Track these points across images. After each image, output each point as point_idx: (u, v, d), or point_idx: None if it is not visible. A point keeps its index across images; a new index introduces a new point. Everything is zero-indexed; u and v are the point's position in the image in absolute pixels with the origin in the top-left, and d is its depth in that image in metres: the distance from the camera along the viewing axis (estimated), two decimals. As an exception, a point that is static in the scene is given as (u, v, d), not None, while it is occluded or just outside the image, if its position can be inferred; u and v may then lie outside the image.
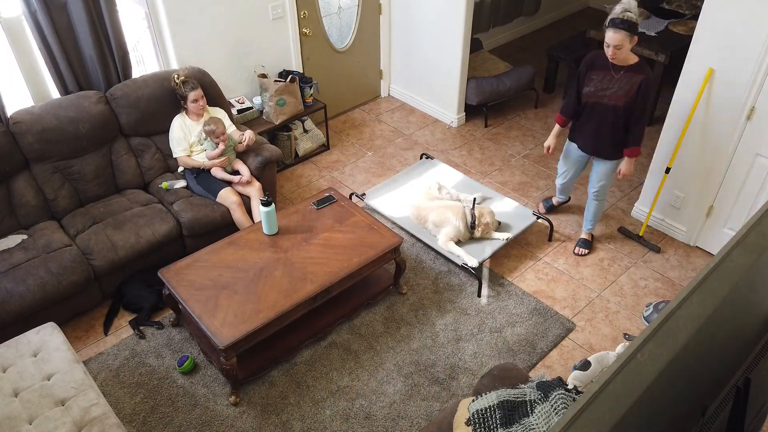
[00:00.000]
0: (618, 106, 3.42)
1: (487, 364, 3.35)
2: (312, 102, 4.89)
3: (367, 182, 4.78)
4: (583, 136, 3.71)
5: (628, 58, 3.36)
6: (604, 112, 3.48)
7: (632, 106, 3.40)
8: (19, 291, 3.26)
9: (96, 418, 2.62)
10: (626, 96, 3.38)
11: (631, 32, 3.19)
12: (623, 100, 3.39)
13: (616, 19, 3.19)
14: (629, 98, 3.38)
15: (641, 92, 3.35)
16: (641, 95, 3.36)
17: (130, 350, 3.46)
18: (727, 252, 1.18)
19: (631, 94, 3.36)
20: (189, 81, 3.87)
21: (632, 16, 3.18)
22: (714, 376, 1.33)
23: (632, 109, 3.41)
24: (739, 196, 3.74)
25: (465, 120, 5.47)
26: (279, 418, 3.12)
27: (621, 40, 3.20)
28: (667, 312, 1.06)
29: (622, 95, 3.38)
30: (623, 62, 3.36)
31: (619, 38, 3.20)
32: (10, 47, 3.65)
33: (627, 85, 3.37)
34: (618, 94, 3.40)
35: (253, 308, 3.08)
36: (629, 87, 3.36)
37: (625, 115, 3.45)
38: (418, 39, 5.28)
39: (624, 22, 3.17)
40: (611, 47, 3.25)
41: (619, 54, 3.27)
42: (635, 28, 3.20)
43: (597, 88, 3.46)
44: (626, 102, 3.39)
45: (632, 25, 3.19)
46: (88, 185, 3.86)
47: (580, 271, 3.95)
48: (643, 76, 3.33)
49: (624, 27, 3.17)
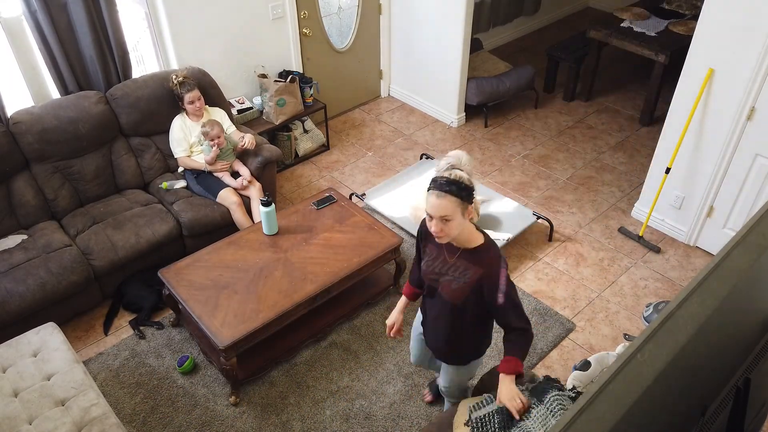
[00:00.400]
0: (455, 304, 2.27)
1: (487, 364, 3.35)
2: (312, 102, 4.89)
3: (367, 182, 4.78)
4: (425, 320, 2.56)
5: (470, 238, 2.21)
6: (441, 302, 2.34)
7: (482, 309, 2.26)
8: (19, 291, 3.26)
9: (96, 418, 2.61)
10: (462, 293, 2.23)
11: (462, 198, 2.05)
12: (460, 298, 2.24)
13: (439, 179, 2.06)
14: (465, 297, 2.23)
15: (487, 293, 2.19)
16: (489, 296, 2.19)
17: (130, 350, 3.46)
18: (727, 252, 1.18)
19: (466, 293, 2.22)
20: (186, 82, 3.87)
21: (463, 175, 2.08)
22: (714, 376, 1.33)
23: (484, 312, 2.28)
24: (739, 196, 3.74)
25: (465, 120, 5.48)
26: (279, 418, 3.12)
27: (448, 209, 2.05)
28: (667, 312, 1.06)
29: (458, 290, 2.23)
30: (461, 243, 2.21)
31: (444, 206, 2.04)
32: (10, 47, 3.65)
33: (462, 278, 2.22)
34: (453, 288, 2.24)
35: (253, 308, 3.08)
36: (464, 283, 2.21)
37: (472, 317, 2.31)
38: (418, 39, 5.28)
39: (451, 184, 2.04)
40: (434, 219, 2.08)
41: (447, 230, 2.09)
42: (469, 192, 2.07)
43: (429, 269, 2.32)
44: (465, 301, 2.24)
45: (464, 188, 2.05)
46: (88, 185, 3.86)
47: (580, 272, 3.95)
48: (482, 271, 2.17)
49: (451, 190, 2.04)
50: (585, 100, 5.73)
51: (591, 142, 5.18)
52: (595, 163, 4.94)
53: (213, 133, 3.83)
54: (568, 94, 5.74)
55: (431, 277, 2.32)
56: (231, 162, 4.00)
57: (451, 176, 2.07)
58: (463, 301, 2.24)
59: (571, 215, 4.42)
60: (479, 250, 2.21)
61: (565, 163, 4.95)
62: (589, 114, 5.57)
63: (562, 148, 5.12)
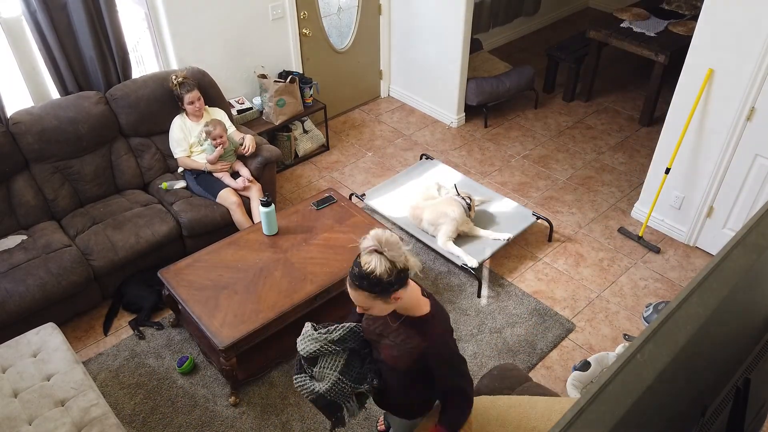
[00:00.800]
0: (397, 368, 2.08)
1: (487, 365, 3.35)
2: (312, 102, 4.90)
3: (367, 182, 4.78)
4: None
5: (414, 306, 2.01)
6: (382, 361, 2.15)
7: (426, 374, 2.07)
8: (19, 291, 3.26)
9: (96, 419, 2.61)
10: (404, 362, 2.04)
11: (377, 293, 1.86)
12: (402, 366, 2.05)
13: (354, 269, 1.88)
14: (407, 367, 2.05)
15: (433, 365, 2.03)
16: (435, 368, 2.03)
17: (129, 351, 3.46)
18: (727, 252, 1.18)
19: (408, 364, 2.04)
20: (186, 82, 3.86)
21: (381, 266, 1.82)
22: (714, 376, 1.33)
23: (429, 380, 2.10)
24: (739, 196, 3.74)
25: (465, 120, 5.48)
26: (279, 418, 3.12)
27: (365, 302, 1.91)
28: (667, 312, 1.06)
29: (400, 358, 2.04)
30: (404, 310, 2.01)
31: (360, 299, 1.91)
32: (10, 47, 3.65)
33: (404, 346, 2.02)
34: (394, 354, 2.05)
35: (253, 308, 3.08)
36: (403, 351, 2.02)
37: (417, 377, 2.11)
38: (418, 39, 5.28)
39: (362, 279, 1.85)
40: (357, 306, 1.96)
41: (372, 312, 1.96)
42: (385, 287, 1.84)
43: (370, 328, 2.14)
44: (408, 369, 2.06)
45: (376, 284, 1.84)
46: (87, 185, 3.86)
47: (580, 272, 3.95)
48: (425, 345, 1.98)
49: (362, 285, 1.86)
50: (585, 101, 5.74)
51: (591, 143, 5.18)
52: (595, 164, 4.94)
53: (216, 132, 3.84)
54: (568, 95, 5.74)
55: (371, 337, 2.15)
56: (231, 162, 4.00)
57: (366, 269, 1.83)
58: (406, 369, 2.06)
59: (570, 215, 4.42)
60: (424, 320, 1.99)
61: (564, 163, 4.95)
62: (589, 114, 5.57)
63: (562, 149, 5.12)
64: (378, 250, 1.84)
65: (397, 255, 1.86)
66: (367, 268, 1.83)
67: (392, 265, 1.85)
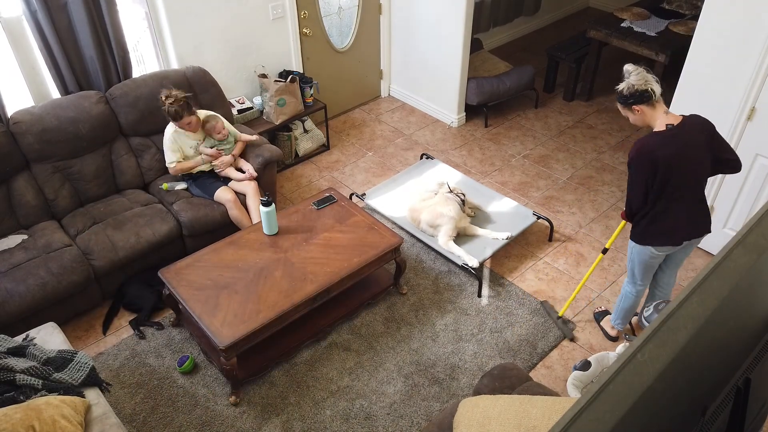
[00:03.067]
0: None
1: (487, 365, 3.35)
2: (312, 102, 4.90)
3: (367, 182, 4.78)
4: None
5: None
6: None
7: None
8: (19, 291, 3.26)
9: (96, 418, 2.61)
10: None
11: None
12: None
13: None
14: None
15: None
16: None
17: (130, 350, 3.46)
18: (727, 252, 1.18)
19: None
20: (178, 108, 3.62)
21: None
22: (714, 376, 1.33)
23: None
24: (739, 196, 3.74)
25: (465, 120, 5.47)
26: (279, 418, 3.12)
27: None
28: (667, 312, 1.06)
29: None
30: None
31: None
32: (10, 47, 3.65)
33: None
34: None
35: (253, 308, 3.08)
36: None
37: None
38: (418, 39, 5.28)
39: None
40: None
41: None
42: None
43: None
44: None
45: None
46: (88, 185, 3.86)
47: (581, 272, 3.95)
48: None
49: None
50: (585, 100, 5.73)
51: (591, 142, 5.18)
52: (596, 163, 4.94)
53: (218, 125, 3.85)
54: (568, 94, 5.74)
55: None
56: (231, 151, 3.99)
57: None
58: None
59: (571, 215, 4.42)
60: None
61: (565, 163, 4.95)
62: (589, 114, 5.57)
63: (563, 148, 5.12)
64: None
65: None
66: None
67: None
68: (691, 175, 2.74)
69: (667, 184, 2.70)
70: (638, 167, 2.71)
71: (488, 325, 3.58)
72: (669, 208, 2.78)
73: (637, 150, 2.68)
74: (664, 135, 2.67)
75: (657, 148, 2.64)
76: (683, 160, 2.67)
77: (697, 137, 2.69)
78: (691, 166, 2.71)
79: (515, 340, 3.49)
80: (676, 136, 2.66)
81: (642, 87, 2.65)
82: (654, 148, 2.65)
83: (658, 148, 2.64)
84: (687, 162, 2.69)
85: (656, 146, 2.65)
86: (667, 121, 2.69)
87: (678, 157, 2.65)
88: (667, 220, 2.81)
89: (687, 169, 2.71)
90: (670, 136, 2.66)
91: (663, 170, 2.66)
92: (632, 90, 2.67)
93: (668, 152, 2.64)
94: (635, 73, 2.67)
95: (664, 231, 2.86)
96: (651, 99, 2.67)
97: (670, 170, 2.66)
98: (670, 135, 2.66)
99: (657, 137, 2.67)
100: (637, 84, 2.65)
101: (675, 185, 2.71)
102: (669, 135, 2.66)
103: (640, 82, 2.65)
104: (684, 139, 2.66)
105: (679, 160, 2.66)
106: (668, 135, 2.66)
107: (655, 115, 2.71)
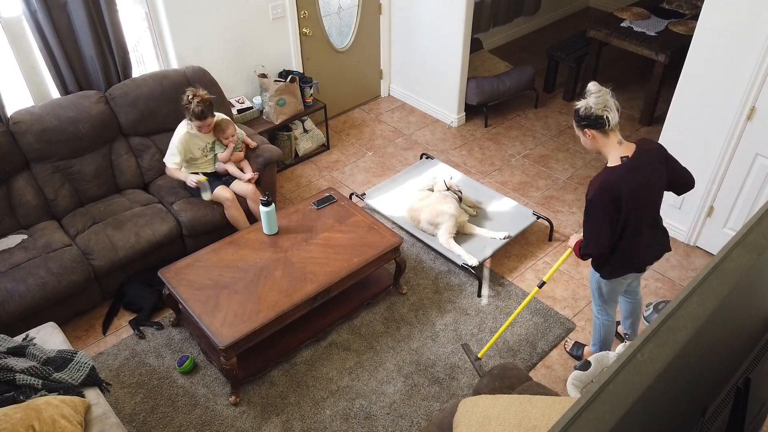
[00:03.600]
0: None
1: (488, 364, 3.35)
2: (312, 102, 4.90)
3: (367, 182, 4.78)
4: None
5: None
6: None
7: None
8: (19, 291, 3.26)
9: (96, 418, 2.61)
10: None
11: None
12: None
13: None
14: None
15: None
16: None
17: (130, 350, 3.46)
18: (727, 252, 1.18)
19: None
20: (205, 109, 3.59)
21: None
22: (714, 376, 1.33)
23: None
24: (739, 196, 3.74)
25: (465, 120, 5.48)
26: (279, 418, 3.12)
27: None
28: (667, 312, 1.06)
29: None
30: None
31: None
32: (10, 47, 3.65)
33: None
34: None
35: (253, 308, 3.08)
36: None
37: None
38: (418, 39, 5.28)
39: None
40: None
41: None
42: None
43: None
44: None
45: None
46: (88, 185, 3.86)
47: (580, 271, 3.95)
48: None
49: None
50: (585, 100, 5.73)
51: (591, 142, 5.18)
52: (596, 163, 4.94)
53: (229, 131, 3.86)
54: (568, 94, 5.74)
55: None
56: (240, 153, 4.01)
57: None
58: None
59: (571, 215, 4.42)
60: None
61: (565, 162, 4.95)
62: (589, 114, 5.56)
63: (562, 148, 5.12)
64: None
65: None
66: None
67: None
68: (650, 206, 2.66)
69: (630, 218, 2.58)
70: (601, 206, 2.54)
71: (488, 324, 3.58)
72: (633, 241, 2.66)
73: (598, 188, 2.52)
74: (622, 169, 2.53)
75: (619, 184, 2.50)
76: (644, 192, 2.56)
77: (657, 168, 2.59)
78: (650, 197, 2.62)
79: (515, 340, 3.49)
80: (637, 170, 2.53)
81: (598, 112, 2.49)
82: (615, 184, 2.51)
83: (620, 184, 2.50)
84: (647, 193, 2.59)
85: (617, 182, 2.51)
86: (621, 153, 2.55)
87: (639, 191, 2.54)
88: (631, 251, 2.70)
89: (647, 200, 2.62)
90: (630, 170, 2.52)
91: (626, 206, 2.53)
92: (588, 112, 2.51)
93: (630, 188, 2.51)
94: (596, 95, 2.51)
95: (630, 263, 2.77)
96: (604, 127, 2.52)
97: (633, 204, 2.54)
98: (628, 169, 2.52)
99: (616, 172, 2.53)
100: (595, 107, 2.49)
101: (637, 218, 2.60)
102: (627, 169, 2.52)
103: (598, 106, 2.49)
104: (645, 173, 2.55)
105: (640, 192, 2.55)
106: (627, 169, 2.52)
107: (607, 144, 2.58)
